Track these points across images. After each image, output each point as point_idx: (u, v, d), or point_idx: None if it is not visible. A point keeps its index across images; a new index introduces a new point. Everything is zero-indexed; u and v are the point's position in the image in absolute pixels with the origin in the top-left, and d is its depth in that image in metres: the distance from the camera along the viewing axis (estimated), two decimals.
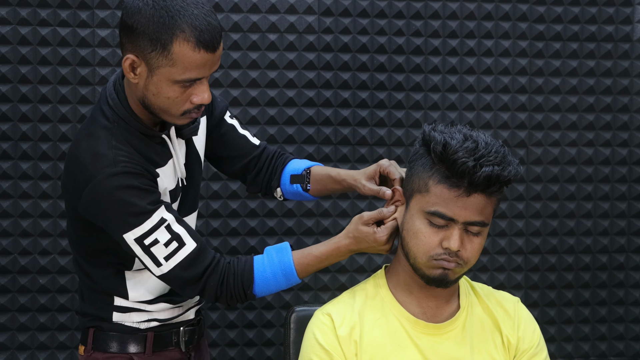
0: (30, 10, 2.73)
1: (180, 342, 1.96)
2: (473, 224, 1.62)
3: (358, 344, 1.67)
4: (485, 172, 1.56)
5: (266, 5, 2.86)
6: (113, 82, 1.82)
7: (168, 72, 1.68)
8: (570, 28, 3.02)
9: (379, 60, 2.92)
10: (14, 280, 2.76)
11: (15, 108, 2.74)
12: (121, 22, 1.70)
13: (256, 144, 2.09)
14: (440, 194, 1.60)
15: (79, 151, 1.75)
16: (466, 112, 2.98)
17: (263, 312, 2.90)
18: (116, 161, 1.71)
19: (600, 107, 3.05)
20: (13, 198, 2.75)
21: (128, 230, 1.72)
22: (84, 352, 1.92)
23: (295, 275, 1.81)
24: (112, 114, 1.78)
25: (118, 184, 1.70)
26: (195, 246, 1.77)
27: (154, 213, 1.72)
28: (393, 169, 1.82)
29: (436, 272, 1.64)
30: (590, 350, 3.06)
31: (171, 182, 1.86)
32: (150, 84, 1.71)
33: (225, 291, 1.80)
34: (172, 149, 1.86)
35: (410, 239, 1.65)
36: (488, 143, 1.59)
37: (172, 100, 1.72)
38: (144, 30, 1.65)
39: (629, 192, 3.07)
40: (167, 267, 1.75)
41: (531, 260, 3.03)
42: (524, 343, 1.74)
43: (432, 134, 1.63)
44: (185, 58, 1.66)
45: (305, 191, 2.04)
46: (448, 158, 1.58)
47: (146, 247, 1.73)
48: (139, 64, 1.69)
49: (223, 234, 2.86)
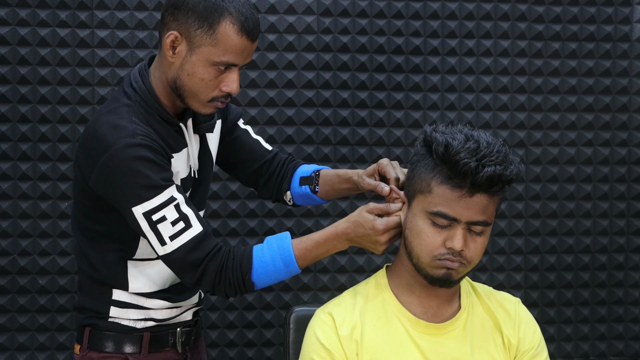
0: (30, 11, 2.73)
1: (177, 343, 1.95)
2: (476, 223, 1.62)
3: (359, 344, 1.67)
4: (488, 172, 1.57)
5: (265, 5, 2.86)
6: (139, 68, 1.87)
7: (208, 51, 1.75)
8: (569, 28, 3.02)
9: (378, 61, 2.93)
10: (14, 281, 2.76)
11: (15, 109, 2.74)
12: (168, 1, 1.79)
13: (269, 149, 2.13)
14: (443, 194, 1.61)
15: (97, 125, 1.78)
16: (465, 112, 2.98)
17: (262, 313, 2.90)
18: (134, 133, 1.74)
19: (599, 106, 3.05)
20: (12, 199, 2.75)
21: (138, 203, 1.73)
22: (79, 351, 1.92)
23: (294, 260, 1.80)
24: (135, 95, 1.82)
25: (134, 155, 1.72)
26: (202, 230, 1.77)
27: (166, 189, 1.74)
28: (389, 169, 1.83)
29: (440, 272, 1.64)
30: (589, 349, 3.06)
31: (184, 170, 1.88)
32: (187, 64, 1.77)
33: (223, 277, 1.78)
34: (187, 138, 1.89)
35: (414, 239, 1.65)
36: (489, 143, 1.60)
37: (205, 82, 1.78)
38: (193, 7, 1.74)
39: (628, 192, 3.07)
40: (171, 247, 1.76)
41: (530, 260, 3.04)
42: (524, 344, 1.74)
43: (434, 135, 1.63)
44: (229, 40, 1.75)
45: (314, 193, 2.06)
46: (450, 159, 1.59)
47: (153, 223, 1.74)
48: (181, 41, 1.76)
49: (222, 234, 2.87)
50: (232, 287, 1.80)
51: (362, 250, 2.89)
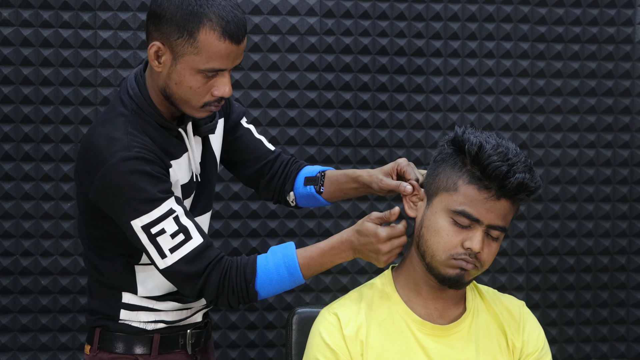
0: (33, 12, 2.73)
1: (187, 344, 1.95)
2: (495, 228, 1.65)
3: (364, 344, 1.67)
4: (519, 179, 1.60)
5: (268, 7, 2.86)
6: (135, 74, 1.85)
7: (192, 60, 1.71)
8: (572, 30, 3.02)
9: (380, 62, 2.93)
10: (16, 282, 2.76)
11: (18, 109, 2.74)
12: (149, 11, 1.75)
13: (271, 149, 2.10)
14: (469, 194, 1.62)
15: (94, 137, 1.77)
16: (467, 114, 2.98)
17: (265, 314, 2.90)
18: (130, 146, 1.73)
19: (602, 108, 3.05)
20: (15, 199, 2.75)
21: (136, 216, 1.72)
22: (89, 351, 1.92)
23: (298, 269, 1.79)
24: (131, 103, 1.80)
25: (130, 168, 1.71)
26: (202, 241, 1.76)
27: (164, 202, 1.73)
28: (410, 170, 1.83)
29: (453, 272, 1.65)
30: (591, 352, 3.06)
31: (185, 176, 1.87)
32: (173, 73, 1.74)
33: (226, 286, 1.77)
34: (187, 143, 1.87)
35: (431, 236, 1.66)
36: (517, 152, 1.63)
37: (194, 90, 1.75)
38: (171, 17, 1.70)
39: (630, 194, 3.07)
40: (171, 260, 1.74)
41: (532, 261, 3.04)
42: (528, 347, 1.74)
43: (467, 135, 1.65)
44: (211, 47, 1.70)
45: (318, 193, 2.03)
46: (482, 160, 1.61)
47: (152, 236, 1.73)
48: (164, 51, 1.73)
49: (224, 235, 2.87)
50: (235, 296, 1.79)
51: None
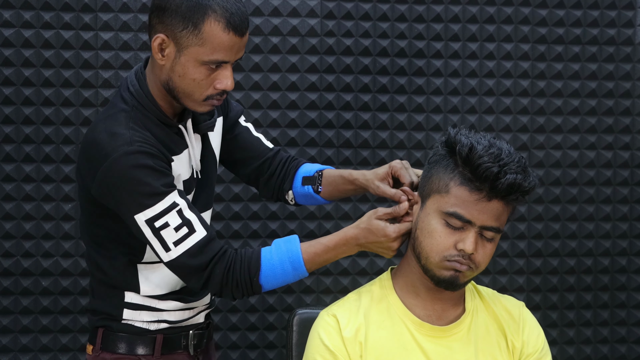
0: (34, 13, 2.74)
1: (189, 345, 1.95)
2: (489, 229, 1.64)
3: (363, 346, 1.67)
4: (509, 180, 1.59)
5: (269, 8, 2.87)
6: (135, 71, 1.86)
7: (196, 52, 1.72)
8: (572, 31, 3.02)
9: (381, 64, 2.93)
10: (17, 283, 2.76)
11: (19, 110, 2.75)
12: (152, 4, 1.76)
13: (270, 146, 2.11)
14: (460, 195, 1.62)
15: (95, 133, 1.77)
16: (468, 115, 2.98)
17: (265, 315, 2.90)
18: (132, 140, 1.73)
19: (602, 110, 3.05)
20: (16, 200, 2.75)
21: (140, 210, 1.73)
22: (92, 351, 1.92)
23: (302, 263, 1.79)
24: (132, 99, 1.81)
25: (133, 163, 1.71)
26: (205, 234, 1.77)
27: (167, 196, 1.73)
28: (404, 172, 1.83)
29: (447, 274, 1.65)
30: (592, 353, 3.06)
31: (186, 172, 1.87)
32: (177, 65, 1.75)
33: (230, 279, 1.78)
34: (188, 139, 1.88)
35: (424, 238, 1.66)
36: (511, 152, 1.63)
37: (197, 82, 1.75)
38: (176, 9, 1.71)
39: (630, 195, 3.07)
40: (175, 253, 1.75)
41: (533, 263, 3.04)
42: (528, 347, 1.74)
43: (458, 137, 1.65)
44: (215, 38, 1.71)
45: (317, 193, 2.04)
46: (473, 161, 1.61)
47: (156, 230, 1.74)
48: (168, 44, 1.74)
49: (225, 237, 2.87)
50: (239, 289, 1.80)
51: (365, 253, 2.89)
